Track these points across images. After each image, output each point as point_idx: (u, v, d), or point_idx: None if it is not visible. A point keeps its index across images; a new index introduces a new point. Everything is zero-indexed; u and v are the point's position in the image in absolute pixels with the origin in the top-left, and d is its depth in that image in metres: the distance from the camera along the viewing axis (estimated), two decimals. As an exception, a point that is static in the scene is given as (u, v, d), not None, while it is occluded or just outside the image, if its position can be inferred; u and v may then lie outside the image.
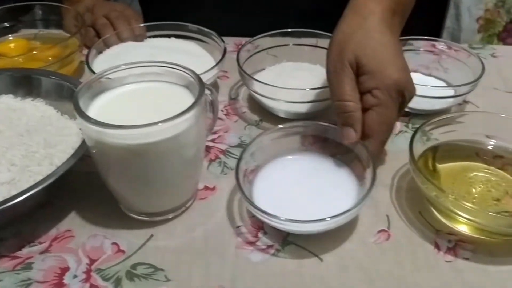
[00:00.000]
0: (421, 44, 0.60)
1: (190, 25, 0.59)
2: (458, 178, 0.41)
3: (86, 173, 0.41)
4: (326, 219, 0.35)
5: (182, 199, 0.41)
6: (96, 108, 0.38)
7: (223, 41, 0.56)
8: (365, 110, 0.41)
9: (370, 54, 0.40)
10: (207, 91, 0.43)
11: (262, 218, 0.37)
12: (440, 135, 0.45)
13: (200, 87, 0.37)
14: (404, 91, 0.41)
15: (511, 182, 0.41)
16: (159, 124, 0.34)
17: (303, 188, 0.41)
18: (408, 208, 0.41)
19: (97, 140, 0.35)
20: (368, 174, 0.39)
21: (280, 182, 0.41)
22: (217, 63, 0.52)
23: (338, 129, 0.42)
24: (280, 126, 0.44)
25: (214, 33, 0.57)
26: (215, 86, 0.58)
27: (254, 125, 0.52)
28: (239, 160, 0.40)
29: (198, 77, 0.38)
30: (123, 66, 0.40)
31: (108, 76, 0.40)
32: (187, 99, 0.38)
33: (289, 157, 0.44)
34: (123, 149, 0.35)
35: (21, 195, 0.36)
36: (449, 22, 1.16)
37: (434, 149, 0.44)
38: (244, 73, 0.51)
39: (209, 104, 0.44)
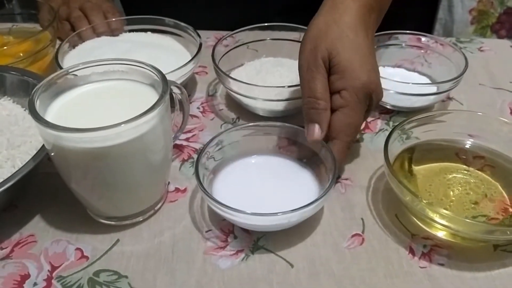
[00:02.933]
0: (406, 38, 0.58)
1: (167, 19, 0.57)
2: (436, 180, 0.40)
3: (53, 174, 0.40)
4: (278, 213, 0.34)
5: (149, 203, 0.39)
6: (56, 109, 0.36)
7: (199, 35, 0.54)
8: (332, 111, 0.40)
9: (342, 54, 0.39)
10: (176, 90, 0.41)
11: (219, 212, 0.36)
12: (420, 134, 0.43)
13: (163, 86, 0.35)
14: (372, 94, 0.40)
15: (490, 184, 0.39)
16: (119, 126, 0.32)
17: (264, 189, 0.40)
18: (384, 211, 0.40)
19: (54, 144, 0.33)
20: (330, 175, 0.37)
21: (241, 182, 0.40)
22: (192, 59, 0.50)
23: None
24: (246, 125, 0.42)
25: (190, 27, 0.56)
26: (192, 82, 0.57)
27: (231, 123, 0.51)
28: (200, 154, 0.39)
29: (162, 75, 0.36)
30: (86, 64, 0.38)
31: (70, 74, 0.38)
32: (152, 98, 0.36)
33: (254, 157, 0.43)
34: (82, 153, 0.33)
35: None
36: (441, 14, 1.14)
37: (411, 149, 0.42)
38: (219, 70, 0.49)
39: (179, 103, 0.42)
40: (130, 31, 0.59)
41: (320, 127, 0.39)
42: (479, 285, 0.34)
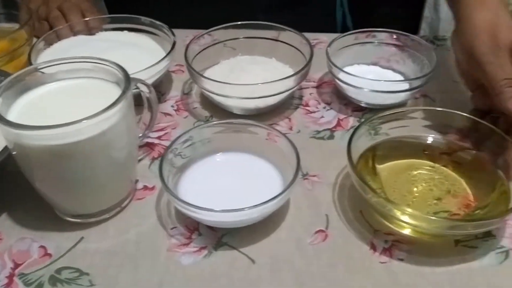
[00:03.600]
0: (383, 36, 0.58)
1: (143, 18, 0.58)
2: (401, 177, 0.40)
3: (18, 172, 0.40)
4: (238, 210, 0.34)
5: (114, 200, 0.39)
6: (19, 107, 0.36)
7: (173, 34, 0.54)
8: None
9: None
10: (143, 88, 0.41)
11: (181, 209, 0.36)
12: (389, 130, 0.43)
13: (126, 83, 0.35)
14: None
15: (454, 180, 0.39)
16: (79, 122, 0.32)
17: (230, 187, 0.40)
18: (349, 208, 0.40)
19: (15, 142, 0.34)
20: (293, 172, 0.37)
21: (208, 179, 0.40)
22: (163, 57, 0.50)
23: (286, 140, 0.40)
24: (214, 122, 0.43)
25: (165, 26, 0.56)
26: (168, 80, 0.57)
27: (204, 121, 0.51)
28: (166, 152, 0.39)
29: (125, 73, 0.36)
30: (51, 62, 0.38)
31: (35, 72, 0.38)
32: (116, 96, 0.36)
33: (223, 154, 0.43)
34: (42, 151, 0.33)
35: None
36: (427, 12, 1.14)
37: (379, 146, 0.42)
38: (192, 69, 0.49)
39: (147, 101, 0.42)
40: (108, 30, 0.59)
41: None
42: (438, 280, 0.34)
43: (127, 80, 0.36)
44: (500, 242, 0.36)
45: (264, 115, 0.51)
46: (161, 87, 0.56)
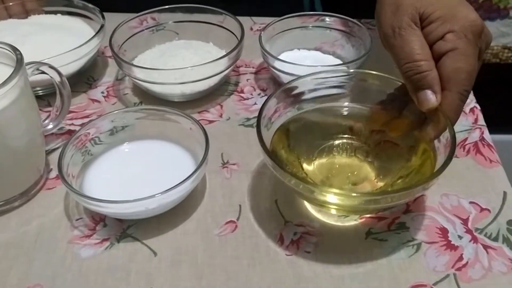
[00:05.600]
0: (332, 20, 0.56)
1: (76, 1, 0.55)
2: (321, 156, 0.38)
3: None
4: (144, 199, 0.33)
5: (17, 190, 0.37)
6: None
7: (103, 17, 0.52)
8: (437, 60, 0.34)
9: (434, 3, 0.35)
10: (51, 72, 0.39)
11: (82, 203, 0.35)
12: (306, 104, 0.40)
13: (18, 64, 0.33)
14: (481, 34, 0.35)
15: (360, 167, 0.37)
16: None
17: (140, 177, 0.38)
18: (265, 197, 0.38)
19: None
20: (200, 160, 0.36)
21: (116, 169, 0.39)
22: (89, 40, 0.48)
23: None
24: (126, 109, 0.41)
25: (97, 9, 0.53)
26: (103, 65, 0.55)
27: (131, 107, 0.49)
28: (70, 140, 0.38)
29: (18, 54, 0.34)
30: None
31: None
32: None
33: (134, 143, 0.41)
34: None
35: None
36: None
37: (294, 122, 0.40)
38: (115, 55, 0.47)
39: (56, 87, 0.40)
40: (42, 13, 0.57)
41: (433, 91, 0.33)
42: (341, 273, 0.32)
43: (19, 61, 0.34)
44: (412, 235, 0.35)
45: (196, 101, 0.49)
46: (94, 72, 0.53)
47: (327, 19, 0.56)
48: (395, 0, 0.37)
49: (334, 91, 0.42)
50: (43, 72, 0.39)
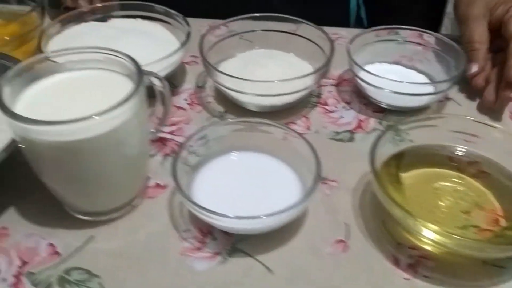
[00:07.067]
0: (406, 33, 0.55)
1: (157, 6, 0.55)
2: (426, 187, 0.38)
3: (26, 162, 0.38)
4: (255, 217, 0.33)
5: (125, 198, 0.38)
6: (27, 98, 0.34)
7: (188, 23, 0.52)
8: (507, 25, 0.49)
9: None
10: (156, 81, 0.39)
11: (196, 213, 0.35)
12: (414, 136, 0.41)
13: (138, 77, 0.33)
14: None
15: (480, 192, 0.37)
16: (89, 119, 0.30)
17: (246, 190, 0.38)
18: (371, 217, 0.38)
19: (22, 136, 0.32)
20: (313, 177, 0.36)
21: (223, 181, 0.39)
22: (178, 49, 0.48)
23: (303, 140, 0.38)
24: (230, 120, 0.41)
25: (180, 15, 0.53)
26: (181, 72, 0.55)
27: (218, 117, 0.49)
28: (180, 150, 0.37)
29: (137, 66, 0.34)
30: (61, 52, 0.36)
31: (45, 61, 0.36)
32: (128, 90, 0.35)
33: (238, 154, 0.41)
34: (51, 147, 0.31)
35: None
36: (450, 8, 1.10)
37: (402, 153, 0.40)
38: (207, 62, 0.47)
39: (160, 95, 0.40)
40: (119, 17, 0.57)
41: (476, 63, 0.49)
42: (464, 300, 0.33)
43: (140, 74, 0.34)
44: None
45: (280, 113, 0.49)
46: (174, 78, 0.53)
47: (401, 32, 0.56)
48: None
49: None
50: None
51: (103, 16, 0.56)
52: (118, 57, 0.36)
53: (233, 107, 0.49)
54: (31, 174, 0.38)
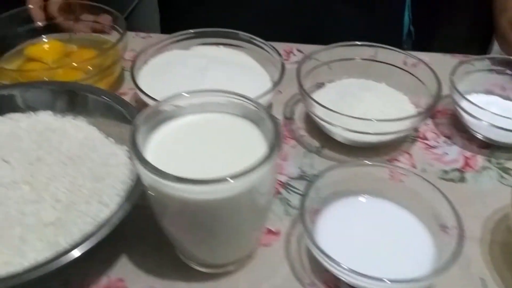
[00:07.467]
0: (496, 61, 0.53)
1: (241, 33, 0.53)
2: None
3: (139, 206, 0.35)
4: (402, 281, 0.31)
5: (247, 250, 0.36)
6: (154, 145, 0.33)
7: (279, 54, 0.50)
8: None
9: None
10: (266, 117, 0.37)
11: (326, 265, 0.33)
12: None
13: (275, 133, 0.31)
14: None
15: None
16: (228, 182, 0.28)
17: (373, 240, 0.36)
18: (506, 269, 0.36)
19: (152, 186, 0.30)
20: (452, 236, 0.34)
21: (346, 226, 0.37)
22: (278, 82, 0.47)
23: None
24: (351, 163, 0.39)
25: (267, 43, 0.51)
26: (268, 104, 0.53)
27: (315, 152, 0.47)
28: (304, 199, 0.35)
29: (270, 115, 0.32)
30: (183, 96, 0.34)
31: (168, 106, 0.34)
32: (253, 135, 0.33)
33: (358, 198, 0.39)
34: (182, 201, 0.30)
35: (74, 249, 0.32)
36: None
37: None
38: (305, 93, 0.45)
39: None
40: (200, 44, 0.56)
41: None
42: None
43: (276, 127, 0.31)
44: None
45: (379, 148, 0.47)
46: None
47: (487, 60, 0.53)
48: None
49: None
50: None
51: (186, 43, 0.55)
52: (244, 101, 0.34)
53: (328, 140, 0.47)
54: (144, 221, 0.37)
